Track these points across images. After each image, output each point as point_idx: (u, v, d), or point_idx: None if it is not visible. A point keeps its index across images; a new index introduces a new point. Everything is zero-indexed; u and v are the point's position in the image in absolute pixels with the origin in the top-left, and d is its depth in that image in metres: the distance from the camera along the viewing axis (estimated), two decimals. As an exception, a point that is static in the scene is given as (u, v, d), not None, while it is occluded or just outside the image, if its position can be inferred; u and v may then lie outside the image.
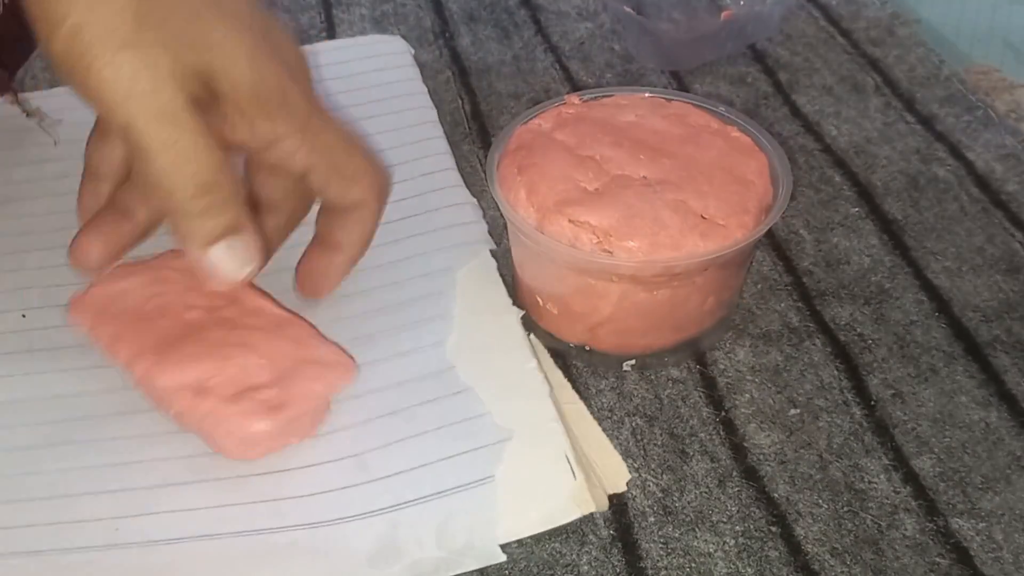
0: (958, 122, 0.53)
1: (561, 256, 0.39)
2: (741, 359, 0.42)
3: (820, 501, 0.37)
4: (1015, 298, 0.44)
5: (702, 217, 0.39)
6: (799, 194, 0.49)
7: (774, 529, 0.36)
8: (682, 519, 0.36)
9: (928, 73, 0.57)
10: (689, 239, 0.38)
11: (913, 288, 0.45)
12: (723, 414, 0.40)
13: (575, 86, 0.57)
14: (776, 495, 0.37)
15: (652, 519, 0.36)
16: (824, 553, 0.35)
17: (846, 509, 0.36)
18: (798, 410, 0.40)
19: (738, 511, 0.36)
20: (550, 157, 0.41)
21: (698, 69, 0.58)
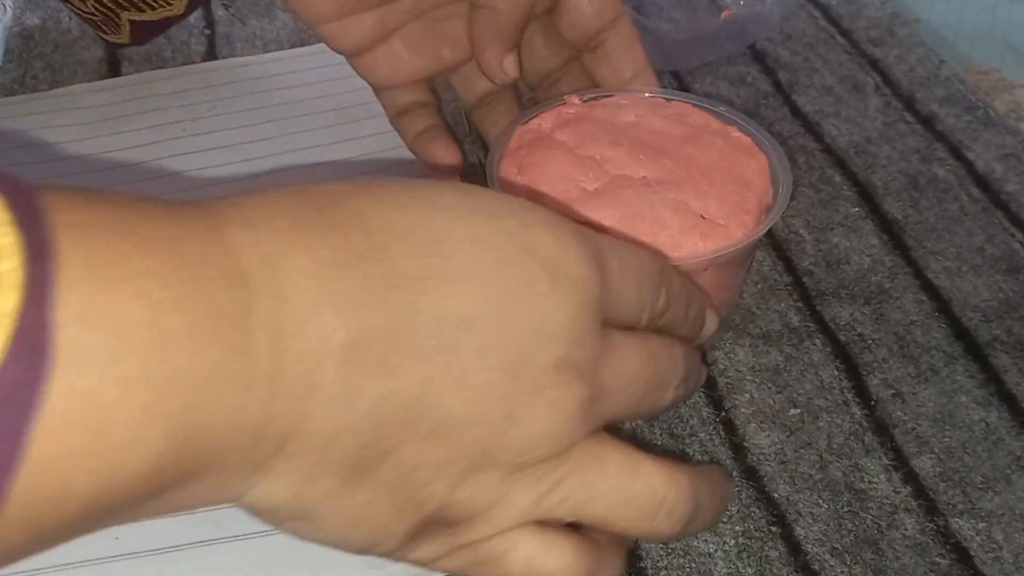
0: (958, 122, 0.53)
1: None
2: (741, 359, 0.42)
3: (820, 501, 0.36)
4: (1015, 298, 0.44)
5: (702, 217, 0.38)
6: (799, 194, 0.49)
7: (774, 529, 0.36)
8: (682, 519, 0.36)
9: (928, 73, 0.57)
10: (689, 239, 0.38)
11: (913, 288, 0.45)
12: (723, 414, 0.40)
13: (575, 86, 0.57)
14: (776, 495, 0.37)
15: (652, 519, 0.36)
16: (824, 553, 0.35)
17: (846, 509, 0.36)
18: (798, 410, 0.40)
19: (738, 511, 0.36)
20: (550, 157, 0.41)
21: (698, 69, 0.58)
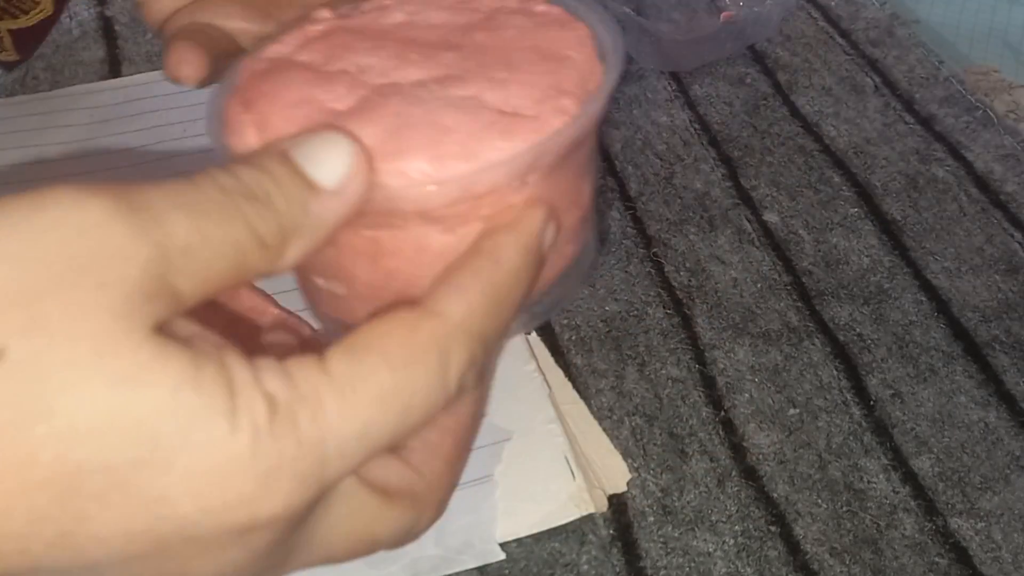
0: (957, 122, 0.53)
1: None
2: (740, 358, 0.42)
3: (819, 501, 0.37)
4: (1014, 298, 0.44)
5: (501, 112, 0.29)
6: (798, 194, 0.49)
7: (773, 529, 0.36)
8: (681, 519, 0.36)
9: (927, 74, 0.57)
10: (485, 143, 0.28)
11: (912, 288, 0.45)
12: (722, 414, 0.40)
13: (574, 87, 0.57)
14: (775, 495, 0.37)
15: (652, 519, 0.36)
16: (823, 553, 0.35)
17: (845, 509, 0.36)
18: (797, 410, 0.40)
19: (737, 511, 0.36)
20: (285, 82, 0.31)
21: (697, 70, 0.58)
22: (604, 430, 0.39)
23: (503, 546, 0.35)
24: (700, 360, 0.42)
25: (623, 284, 0.45)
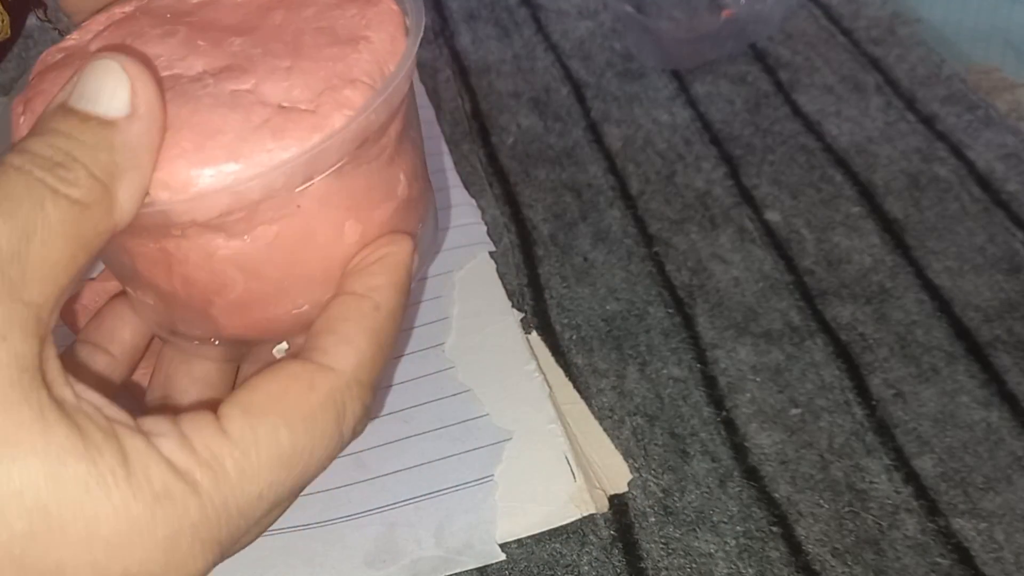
0: (959, 121, 0.53)
1: None
2: (742, 358, 0.42)
3: (821, 501, 0.36)
4: (1016, 298, 0.44)
5: (279, 107, 0.27)
6: (800, 193, 0.49)
7: (775, 529, 0.36)
8: (683, 519, 0.36)
9: (929, 72, 0.57)
10: (254, 144, 0.26)
11: (914, 288, 0.44)
12: (724, 414, 0.40)
13: (575, 85, 0.57)
14: (777, 495, 0.37)
15: (653, 519, 0.36)
16: (825, 553, 0.35)
17: (847, 509, 0.36)
18: (799, 410, 0.40)
19: (739, 511, 0.36)
20: (63, 78, 0.28)
21: (698, 68, 0.57)
22: (605, 430, 0.39)
23: (503, 547, 0.35)
24: (701, 360, 0.42)
25: (624, 283, 0.45)
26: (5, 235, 0.21)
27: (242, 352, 0.32)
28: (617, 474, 0.37)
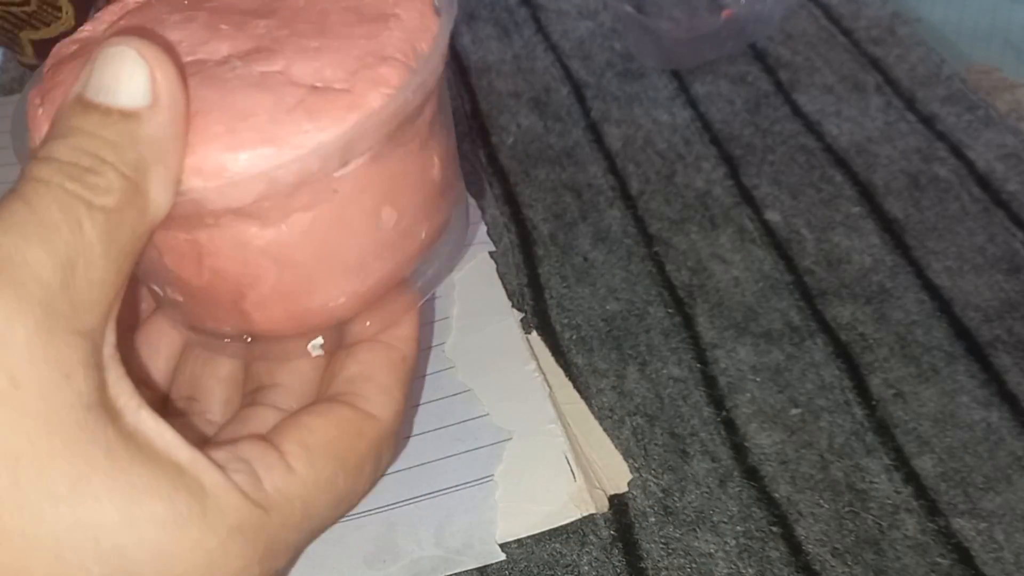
0: (959, 121, 0.53)
1: None
2: (742, 358, 0.42)
3: (821, 501, 0.36)
4: (1016, 298, 0.44)
5: (312, 88, 0.26)
6: (800, 193, 0.49)
7: (775, 529, 0.36)
8: (683, 519, 0.36)
9: (929, 72, 0.57)
10: (289, 126, 0.25)
11: (914, 288, 0.44)
12: (724, 414, 0.40)
13: (575, 85, 0.57)
14: (777, 495, 0.37)
15: (653, 519, 0.36)
16: (825, 553, 0.35)
17: (847, 509, 0.36)
18: (799, 410, 0.40)
19: (739, 511, 0.36)
20: (82, 68, 0.27)
21: (698, 68, 0.57)
22: (605, 430, 0.39)
23: (503, 547, 0.35)
24: (701, 360, 0.42)
25: (624, 283, 0.45)
26: (49, 267, 0.20)
27: (272, 351, 0.31)
28: (617, 474, 0.37)
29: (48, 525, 0.20)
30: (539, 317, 0.44)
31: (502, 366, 0.41)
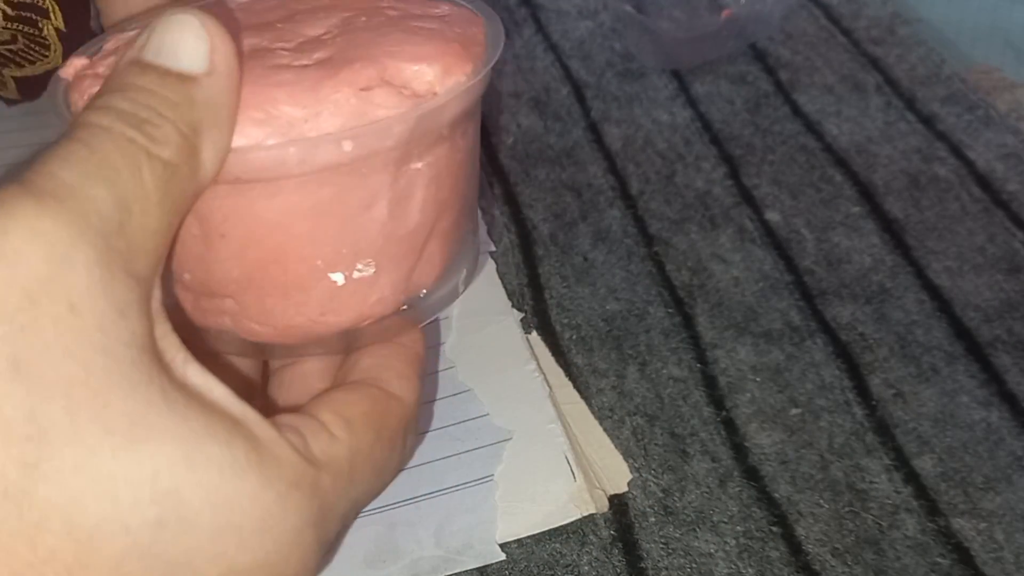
0: (959, 121, 0.53)
1: None
2: (742, 358, 0.42)
3: (821, 501, 0.36)
4: (1016, 298, 0.44)
5: (362, 65, 0.27)
6: (800, 193, 0.49)
7: (775, 529, 0.36)
8: (683, 519, 0.36)
9: (929, 72, 0.57)
10: (325, 96, 0.26)
11: (914, 288, 0.44)
12: (724, 413, 0.40)
13: (575, 85, 0.57)
14: (777, 495, 0.37)
15: (653, 519, 0.36)
16: (825, 553, 0.35)
17: (847, 509, 0.36)
18: (799, 410, 0.40)
19: (739, 511, 0.36)
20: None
21: (698, 68, 0.57)
22: (605, 430, 0.39)
23: (503, 547, 0.35)
24: (701, 359, 0.42)
25: (624, 283, 0.45)
26: (110, 205, 0.20)
27: (275, 351, 0.30)
28: (617, 474, 0.37)
29: (103, 461, 0.19)
30: (539, 317, 0.44)
31: (502, 366, 0.41)
